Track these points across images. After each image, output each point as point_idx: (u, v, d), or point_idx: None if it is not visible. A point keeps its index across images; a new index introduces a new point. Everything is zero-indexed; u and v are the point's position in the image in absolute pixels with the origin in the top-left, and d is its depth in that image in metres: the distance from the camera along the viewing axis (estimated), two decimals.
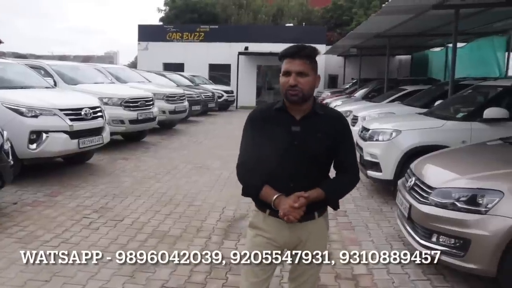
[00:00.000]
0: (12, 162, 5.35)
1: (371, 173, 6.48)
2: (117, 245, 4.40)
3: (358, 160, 6.96)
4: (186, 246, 4.44)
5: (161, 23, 32.91)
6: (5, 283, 3.55)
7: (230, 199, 6.03)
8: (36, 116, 6.53)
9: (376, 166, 6.38)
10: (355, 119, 9.53)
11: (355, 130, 8.39)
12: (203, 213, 5.53)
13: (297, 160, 2.14)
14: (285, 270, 3.42)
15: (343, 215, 5.49)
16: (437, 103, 8.00)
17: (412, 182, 4.16)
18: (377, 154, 6.38)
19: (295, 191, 2.12)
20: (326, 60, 24.94)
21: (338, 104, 13.42)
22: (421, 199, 3.87)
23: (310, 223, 2.23)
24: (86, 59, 68.88)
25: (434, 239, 3.66)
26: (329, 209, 2.35)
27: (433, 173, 4.21)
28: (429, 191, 3.81)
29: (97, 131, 7.50)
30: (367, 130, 6.86)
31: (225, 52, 25.36)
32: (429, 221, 3.69)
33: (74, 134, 6.89)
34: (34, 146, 6.43)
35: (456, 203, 3.54)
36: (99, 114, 7.60)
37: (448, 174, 4.04)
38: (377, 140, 6.53)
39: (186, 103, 13.88)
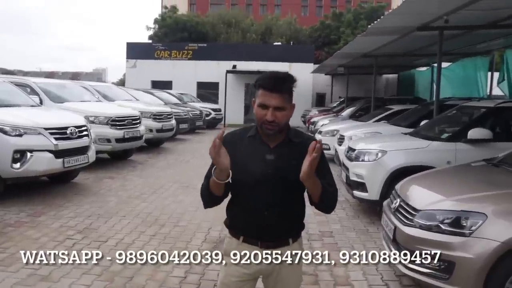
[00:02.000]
0: None
1: (357, 193, 6.48)
2: (100, 267, 4.33)
3: (344, 180, 7.01)
4: (171, 268, 4.38)
5: (150, 41, 33.02)
6: None
7: (215, 219, 5.97)
8: (20, 135, 6.46)
9: (362, 186, 6.39)
10: (341, 139, 9.58)
11: (341, 149, 8.44)
12: (189, 234, 5.47)
13: (271, 188, 2.11)
14: None
15: (329, 236, 5.47)
16: (422, 123, 8.08)
17: (397, 204, 4.16)
18: (363, 175, 6.40)
19: (269, 219, 2.11)
20: (314, 78, 25.17)
21: (325, 123, 13.52)
22: (406, 221, 3.86)
23: (284, 249, 2.20)
24: (75, 76, 68.75)
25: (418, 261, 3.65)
26: (311, 231, 2.33)
27: (418, 194, 4.22)
28: (414, 213, 3.82)
29: (83, 150, 7.44)
30: (353, 150, 6.90)
31: (213, 70, 25.49)
32: (414, 243, 3.68)
33: (59, 153, 6.82)
34: (17, 165, 6.35)
35: (441, 225, 3.55)
36: (85, 133, 7.55)
37: (432, 196, 4.05)
38: (363, 160, 6.55)
39: (173, 122, 13.86)
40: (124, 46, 27.64)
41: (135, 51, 27.24)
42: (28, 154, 6.43)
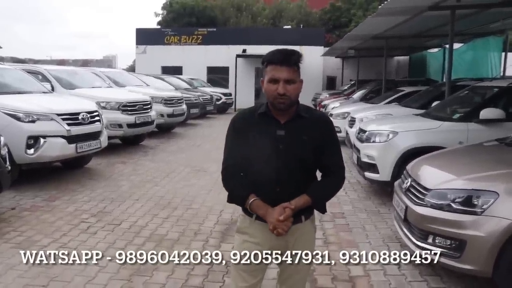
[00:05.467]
0: (9, 168, 5.36)
1: (368, 174, 6.49)
2: (114, 249, 4.40)
3: (356, 161, 7.01)
4: (184, 249, 4.44)
5: (159, 27, 32.94)
6: None
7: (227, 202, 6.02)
8: (33, 121, 6.54)
9: (373, 167, 6.39)
10: (352, 121, 9.54)
11: (352, 131, 8.42)
12: (201, 216, 5.53)
13: (283, 164, 2.13)
14: None
15: (340, 217, 5.50)
16: (434, 104, 8.01)
17: (408, 184, 4.17)
18: (374, 156, 6.39)
19: (282, 195, 2.12)
20: (324, 61, 24.98)
21: (336, 105, 13.45)
22: (417, 201, 3.88)
23: (297, 226, 2.22)
24: (85, 63, 68.96)
25: (430, 240, 3.66)
26: (325, 211, 2.35)
27: (429, 174, 4.22)
28: (425, 192, 3.82)
29: (95, 135, 7.51)
30: (364, 132, 6.88)
31: (223, 54, 25.38)
32: (425, 223, 3.70)
33: (71, 139, 6.89)
34: (31, 151, 6.44)
35: (452, 204, 3.55)
36: (97, 118, 7.61)
37: (444, 175, 4.05)
38: (374, 141, 6.54)
39: (184, 106, 13.90)
40: (133, 32, 27.53)
41: (145, 37, 27.20)
42: (42, 140, 6.51)
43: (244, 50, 24.34)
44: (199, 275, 3.81)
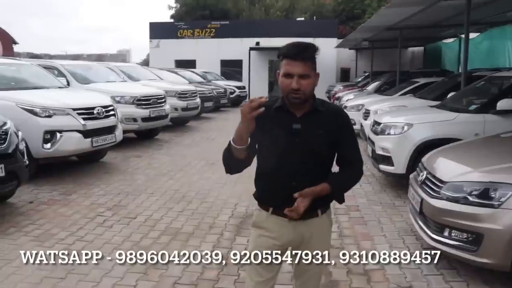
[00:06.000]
0: (27, 162, 5.44)
1: (383, 167, 6.45)
2: (130, 243, 4.45)
3: (370, 154, 6.97)
4: (198, 242, 4.48)
5: (172, 21, 33.00)
6: (22, 280, 3.62)
7: (242, 195, 6.05)
8: (50, 116, 6.62)
9: (388, 160, 6.35)
10: (367, 113, 9.48)
11: (367, 124, 8.37)
12: (216, 209, 5.56)
13: (299, 158, 2.12)
14: None
15: (355, 210, 5.49)
16: (449, 95, 7.91)
17: (424, 176, 4.13)
18: (389, 148, 6.35)
19: (297, 190, 2.10)
20: (338, 53, 24.82)
21: (350, 98, 13.36)
22: (433, 193, 3.84)
23: (313, 220, 2.22)
24: (99, 57, 69.43)
25: (446, 233, 3.63)
26: (337, 205, 2.34)
27: (445, 166, 4.18)
28: (441, 185, 3.79)
29: (110, 129, 7.57)
30: (379, 124, 6.83)
31: (237, 47, 25.38)
32: (441, 216, 3.67)
33: (87, 133, 6.97)
34: (48, 145, 6.52)
35: (468, 197, 3.51)
36: (112, 112, 7.67)
37: (460, 168, 4.00)
38: (388, 134, 6.49)
39: (198, 100, 13.93)
40: (147, 26, 27.67)
41: (158, 31, 27.31)
42: (58, 135, 6.59)
43: (257, 43, 24.32)
44: (214, 268, 3.83)
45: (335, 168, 2.28)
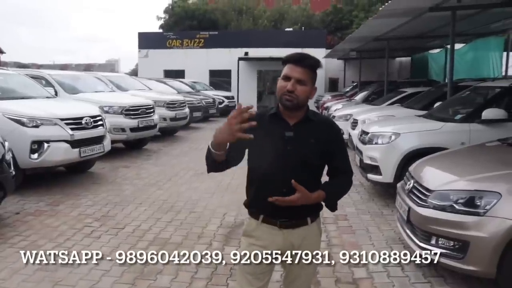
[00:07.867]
0: (14, 172, 5.39)
1: (371, 176, 6.49)
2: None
3: (358, 163, 7.02)
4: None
5: (160, 31, 33.04)
6: None
7: (231, 205, 6.05)
8: (37, 126, 6.57)
9: (376, 169, 6.40)
10: (355, 123, 9.54)
11: (355, 133, 8.42)
12: (204, 219, 5.54)
13: (290, 165, 2.14)
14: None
15: (343, 219, 5.50)
16: (436, 105, 8.01)
17: (411, 185, 4.18)
18: (376, 157, 6.40)
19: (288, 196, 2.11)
20: (326, 63, 24.90)
21: (338, 107, 13.45)
22: (420, 202, 3.88)
23: (303, 228, 2.24)
24: (88, 67, 69.02)
25: (433, 241, 3.67)
26: (326, 215, 2.36)
27: (431, 175, 4.22)
28: (427, 193, 3.83)
29: (98, 139, 7.54)
30: (367, 133, 6.88)
31: (225, 58, 25.44)
32: (428, 224, 3.71)
33: (75, 143, 6.92)
34: (35, 155, 6.47)
35: (454, 205, 3.55)
36: (100, 122, 7.64)
37: (446, 176, 4.05)
38: (376, 143, 6.55)
39: (187, 110, 13.92)
40: (136, 36, 27.67)
41: (147, 41, 27.29)
42: (45, 145, 6.54)
43: (246, 53, 24.41)
44: (203, 278, 3.82)
45: (324, 179, 2.31)
